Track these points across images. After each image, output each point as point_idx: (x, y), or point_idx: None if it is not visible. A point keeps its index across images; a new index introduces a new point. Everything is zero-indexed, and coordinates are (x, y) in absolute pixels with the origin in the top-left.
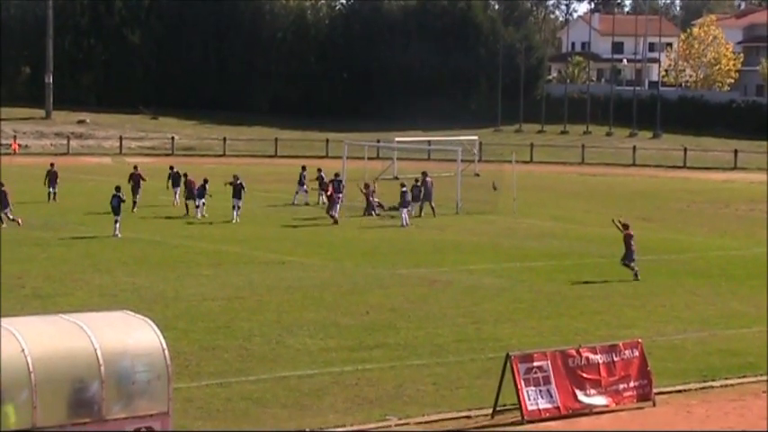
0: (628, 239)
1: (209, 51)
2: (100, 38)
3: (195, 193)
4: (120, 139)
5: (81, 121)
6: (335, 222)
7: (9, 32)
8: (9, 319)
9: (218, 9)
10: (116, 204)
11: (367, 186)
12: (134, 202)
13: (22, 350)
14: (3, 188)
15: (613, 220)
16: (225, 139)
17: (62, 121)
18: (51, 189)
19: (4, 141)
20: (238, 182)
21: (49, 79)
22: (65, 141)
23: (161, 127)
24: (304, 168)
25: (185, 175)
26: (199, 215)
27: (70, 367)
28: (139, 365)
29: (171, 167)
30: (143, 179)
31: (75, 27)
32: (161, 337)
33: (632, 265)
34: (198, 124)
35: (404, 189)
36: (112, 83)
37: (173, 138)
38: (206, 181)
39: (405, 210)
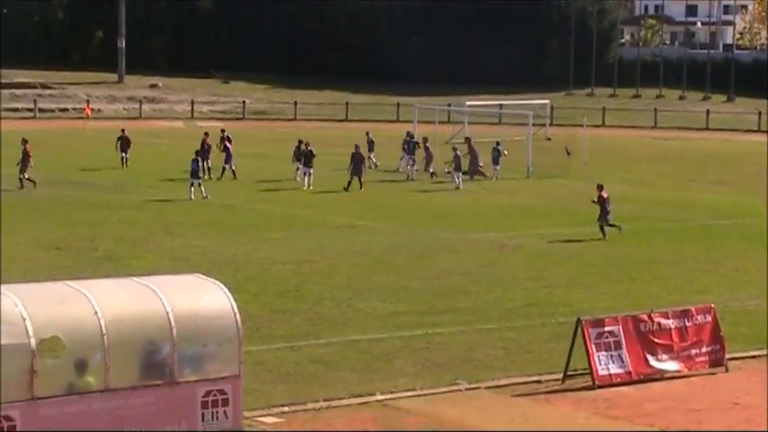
0: (602, 201)
1: (280, 15)
2: (171, 2)
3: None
4: (192, 103)
5: (153, 86)
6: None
7: None
8: (82, 282)
9: None
10: (194, 168)
11: (426, 140)
12: (207, 168)
13: (95, 312)
14: (26, 146)
15: (593, 200)
16: (296, 103)
17: (134, 86)
18: (123, 154)
19: (77, 106)
20: (309, 148)
21: (122, 44)
22: (137, 105)
23: (232, 91)
24: (409, 135)
25: (222, 138)
26: (299, 179)
27: (142, 330)
28: (210, 328)
29: (222, 131)
30: (209, 146)
31: None
32: (232, 301)
33: (601, 223)
34: (269, 88)
35: (456, 152)
36: (184, 47)
37: (244, 102)
38: (307, 145)
39: (458, 173)
